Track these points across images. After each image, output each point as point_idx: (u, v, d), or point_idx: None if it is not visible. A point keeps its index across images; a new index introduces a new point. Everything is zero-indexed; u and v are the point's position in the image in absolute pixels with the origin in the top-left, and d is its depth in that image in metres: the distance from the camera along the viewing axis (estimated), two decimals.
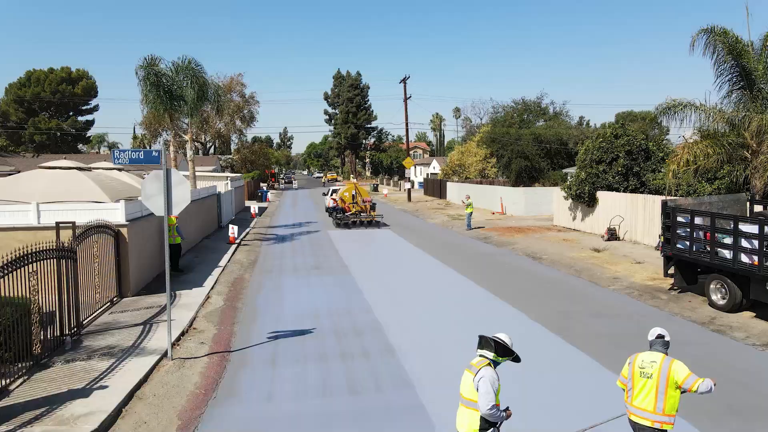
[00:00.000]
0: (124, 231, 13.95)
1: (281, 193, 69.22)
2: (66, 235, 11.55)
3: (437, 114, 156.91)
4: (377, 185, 69.22)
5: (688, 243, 13.34)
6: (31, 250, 9.05)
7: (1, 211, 13.56)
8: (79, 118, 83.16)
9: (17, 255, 8.60)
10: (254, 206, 37.22)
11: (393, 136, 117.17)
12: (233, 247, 23.06)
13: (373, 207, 31.91)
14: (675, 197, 20.32)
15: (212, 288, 15.60)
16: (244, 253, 22.22)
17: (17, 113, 77.22)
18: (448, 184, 48.49)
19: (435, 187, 53.94)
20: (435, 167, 66.19)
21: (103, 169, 19.83)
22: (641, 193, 24.19)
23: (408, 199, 49.22)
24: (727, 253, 12.22)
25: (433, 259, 20.04)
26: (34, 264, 9.14)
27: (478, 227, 29.21)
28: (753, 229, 11.49)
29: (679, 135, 40.65)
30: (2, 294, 8.32)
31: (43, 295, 9.62)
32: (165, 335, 10.23)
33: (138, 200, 15.63)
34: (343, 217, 30.65)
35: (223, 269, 18.41)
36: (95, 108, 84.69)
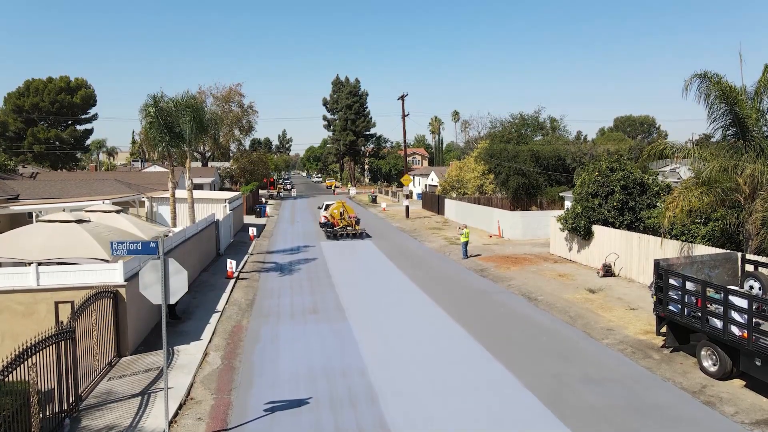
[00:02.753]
0: (122, 291, 14.10)
1: (280, 204, 69.35)
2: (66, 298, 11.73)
3: (436, 117, 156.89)
4: (375, 196, 69.28)
5: (680, 306, 13.50)
6: (31, 343, 9.20)
7: (1, 273, 13.71)
8: (78, 127, 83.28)
9: (17, 353, 8.75)
10: (252, 230, 37.32)
11: (392, 142, 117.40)
12: (231, 282, 23.19)
13: (357, 222, 38.05)
14: (670, 239, 20.51)
15: (210, 341, 15.74)
16: (242, 290, 22.37)
17: (16, 123, 77.33)
18: (446, 201, 48.65)
19: (433, 202, 54.09)
20: (433, 179, 66.35)
21: (101, 212, 19.94)
22: (636, 227, 24.37)
23: (406, 216, 49.36)
24: (717, 323, 12.38)
25: (431, 302, 20.15)
26: (35, 356, 9.28)
27: (475, 255, 29.37)
28: (743, 303, 11.65)
29: (675, 168, 40.82)
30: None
31: (42, 375, 9.74)
32: (163, 408, 10.34)
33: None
34: (332, 230, 36.82)
35: (221, 314, 18.54)
36: (94, 117, 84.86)
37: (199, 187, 64.75)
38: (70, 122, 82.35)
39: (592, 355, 14.49)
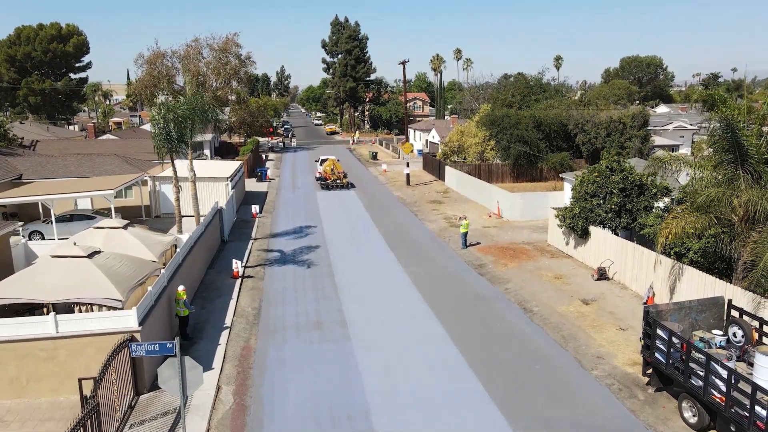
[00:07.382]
0: (137, 335, 14.83)
1: (281, 161, 69.34)
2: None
3: (437, 55, 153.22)
4: (376, 153, 69.07)
5: (666, 356, 14.27)
6: None
7: (24, 323, 14.50)
8: (72, 76, 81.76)
9: None
10: (255, 207, 37.94)
11: (392, 86, 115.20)
12: (237, 284, 23.94)
13: (345, 176, 48.94)
14: (663, 254, 21.07)
15: (221, 370, 16.65)
16: (248, 293, 23.19)
17: (9, 73, 75.90)
18: (447, 168, 48.75)
19: (434, 166, 54.18)
20: (434, 136, 65.98)
21: (109, 228, 20.38)
22: (633, 228, 24.90)
23: (407, 182, 49.62)
24: (699, 382, 13.18)
25: (431, 313, 20.95)
26: None
27: (475, 243, 30.05)
28: (723, 372, 12.40)
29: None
30: None
31: None
32: None
33: (149, 290, 16.45)
34: (325, 183, 48.32)
35: (230, 331, 19.39)
36: (88, 65, 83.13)
37: (199, 145, 64.70)
38: (64, 70, 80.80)
39: (582, 393, 15.40)
